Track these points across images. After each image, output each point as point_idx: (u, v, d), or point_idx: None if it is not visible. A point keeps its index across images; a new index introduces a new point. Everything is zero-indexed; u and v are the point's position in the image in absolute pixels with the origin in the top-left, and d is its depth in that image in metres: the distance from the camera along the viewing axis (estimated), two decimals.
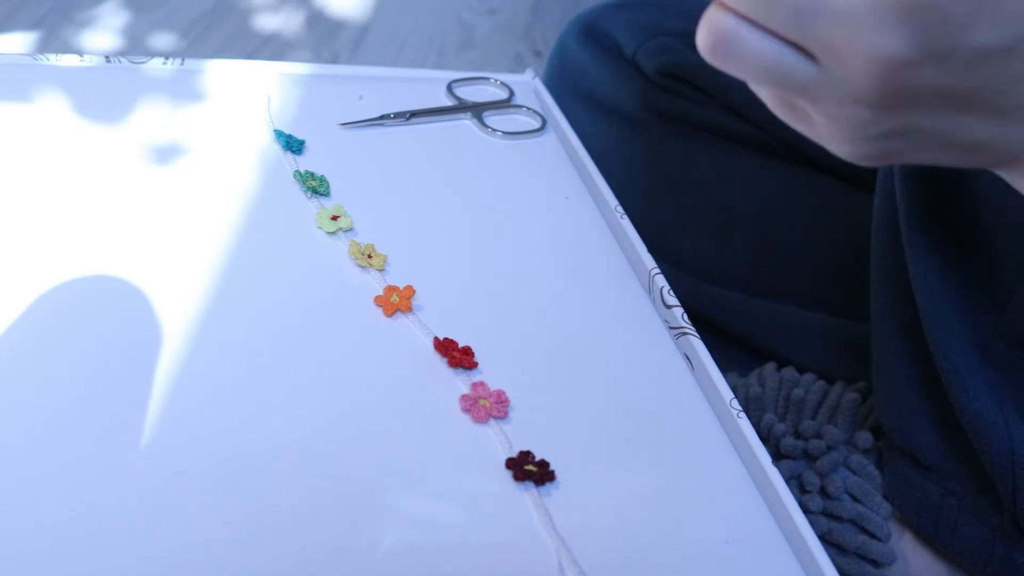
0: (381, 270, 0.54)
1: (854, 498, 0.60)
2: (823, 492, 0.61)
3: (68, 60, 0.64)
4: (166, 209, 0.56)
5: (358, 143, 0.64)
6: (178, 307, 0.50)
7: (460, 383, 0.49)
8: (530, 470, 0.45)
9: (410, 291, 0.52)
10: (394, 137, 0.65)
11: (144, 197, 0.56)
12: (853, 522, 0.60)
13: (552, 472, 0.45)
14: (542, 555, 0.43)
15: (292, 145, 0.62)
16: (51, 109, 0.60)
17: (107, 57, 0.65)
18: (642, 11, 0.81)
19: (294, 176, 0.59)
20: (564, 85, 0.84)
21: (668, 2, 0.66)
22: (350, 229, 0.57)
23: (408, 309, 0.52)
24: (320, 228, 0.56)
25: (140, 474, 0.42)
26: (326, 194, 0.59)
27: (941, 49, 0.32)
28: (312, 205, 0.58)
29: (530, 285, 0.57)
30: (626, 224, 0.60)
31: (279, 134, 0.62)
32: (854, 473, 0.61)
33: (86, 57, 0.65)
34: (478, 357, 0.50)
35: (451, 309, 0.53)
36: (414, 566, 0.42)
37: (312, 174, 0.59)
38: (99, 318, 0.49)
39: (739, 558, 0.45)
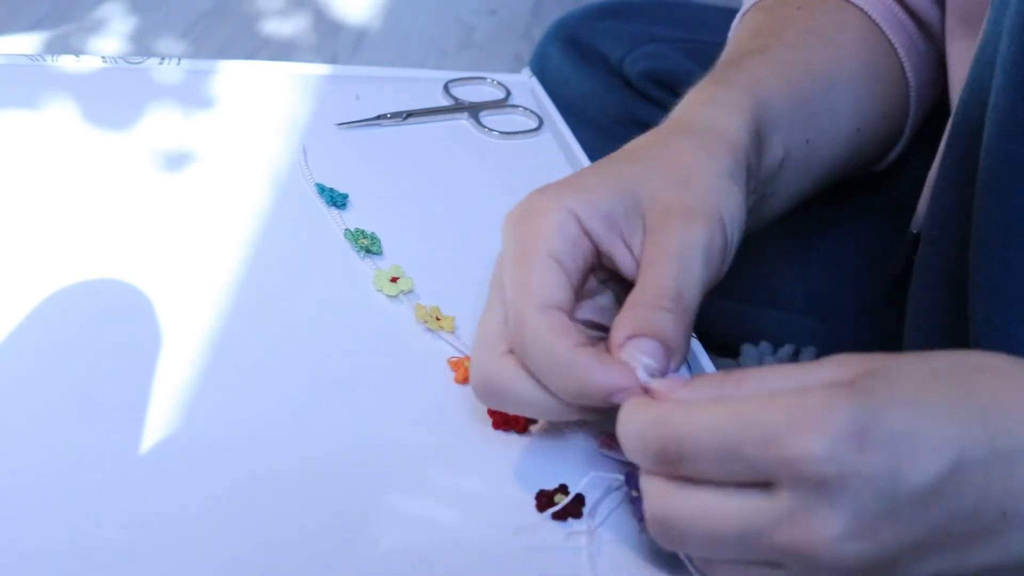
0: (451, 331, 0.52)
1: None
2: None
3: (65, 61, 0.64)
4: (173, 215, 0.56)
5: (354, 143, 0.64)
6: (195, 321, 0.50)
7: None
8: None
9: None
10: (391, 137, 0.65)
11: (150, 202, 0.56)
12: None
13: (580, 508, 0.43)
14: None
15: (336, 200, 0.59)
16: (52, 111, 0.60)
17: (103, 58, 0.65)
18: (627, 20, 0.78)
19: (345, 235, 0.57)
20: None
21: (656, 11, 0.63)
22: (410, 291, 0.54)
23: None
24: (380, 291, 0.54)
25: (154, 484, 0.43)
26: (379, 253, 0.56)
27: (883, 507, 0.32)
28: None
29: None
30: None
31: (321, 189, 0.59)
32: None
33: (83, 58, 0.65)
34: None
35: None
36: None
37: (363, 232, 0.57)
38: (98, 327, 0.49)
39: None
